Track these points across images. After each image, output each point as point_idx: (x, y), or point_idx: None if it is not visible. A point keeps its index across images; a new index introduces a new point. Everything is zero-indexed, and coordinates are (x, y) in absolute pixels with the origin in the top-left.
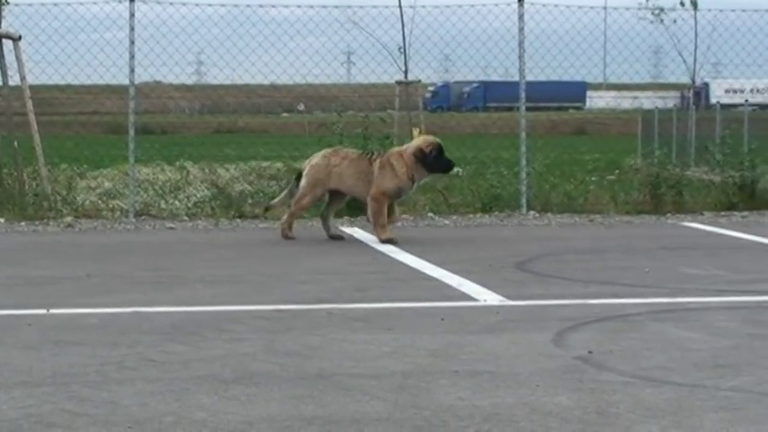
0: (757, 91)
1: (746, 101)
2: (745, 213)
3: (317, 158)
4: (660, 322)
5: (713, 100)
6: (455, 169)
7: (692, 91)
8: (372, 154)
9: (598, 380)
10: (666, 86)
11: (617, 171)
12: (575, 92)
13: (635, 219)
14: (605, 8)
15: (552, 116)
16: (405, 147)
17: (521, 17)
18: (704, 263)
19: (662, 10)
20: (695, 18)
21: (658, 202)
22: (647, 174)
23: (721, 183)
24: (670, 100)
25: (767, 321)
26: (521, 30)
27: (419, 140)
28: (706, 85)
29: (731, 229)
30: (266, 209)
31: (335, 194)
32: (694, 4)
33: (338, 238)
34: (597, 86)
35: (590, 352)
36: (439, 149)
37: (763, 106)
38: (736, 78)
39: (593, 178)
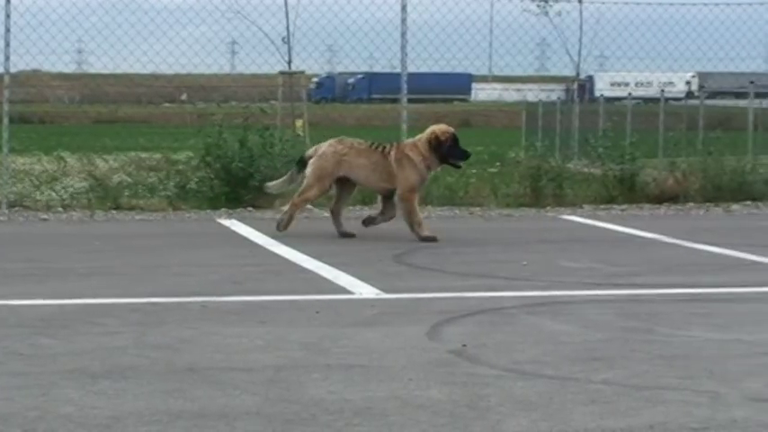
0: (642, 84)
1: (630, 94)
2: (624, 207)
3: (323, 147)
4: (535, 315)
5: (598, 93)
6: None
7: (576, 84)
8: (384, 147)
9: (471, 373)
10: (552, 79)
11: (498, 164)
12: (460, 84)
13: (515, 212)
14: (491, 1)
15: (438, 108)
16: (417, 138)
17: (403, 8)
18: (581, 256)
19: (547, 2)
20: (580, 11)
21: (539, 195)
22: (528, 167)
23: (601, 176)
24: (555, 93)
25: (641, 314)
26: (403, 21)
27: (435, 129)
28: (591, 78)
29: (610, 223)
30: (266, 188)
31: (344, 187)
32: None
33: (350, 235)
34: (483, 79)
35: (464, 345)
36: (454, 138)
37: (647, 99)
38: (621, 72)
39: (473, 171)
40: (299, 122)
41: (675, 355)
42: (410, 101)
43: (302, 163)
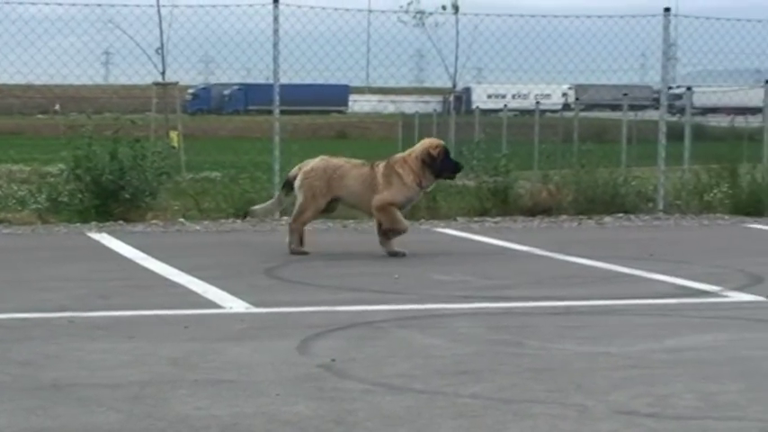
0: (519, 96)
1: (505, 106)
2: (497, 219)
3: (310, 166)
4: (406, 329)
5: (474, 105)
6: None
7: (452, 95)
8: (372, 165)
9: (339, 388)
10: (429, 91)
11: None
12: (337, 95)
13: None
14: (368, 11)
15: (314, 120)
16: (407, 152)
17: (275, 18)
18: (454, 269)
19: (423, 14)
20: (456, 22)
21: (413, 207)
22: None
23: (475, 188)
24: (432, 105)
25: (511, 327)
26: (275, 32)
27: (425, 144)
28: (468, 90)
29: (483, 235)
30: (245, 214)
31: (327, 206)
32: (455, 8)
33: (303, 253)
34: (360, 90)
35: (333, 360)
36: (446, 152)
37: (524, 111)
38: (498, 84)
39: None
40: (173, 134)
41: (544, 368)
42: (286, 112)
43: (288, 185)
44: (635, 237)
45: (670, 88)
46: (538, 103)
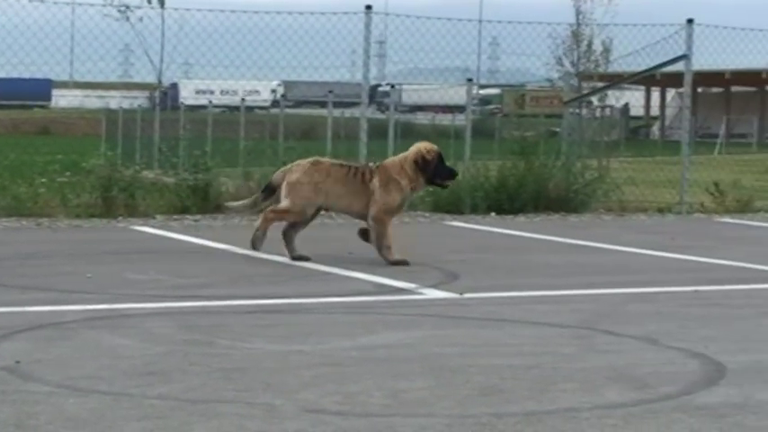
0: (227, 92)
1: (210, 102)
2: (197, 217)
3: (297, 173)
4: (95, 329)
5: (182, 101)
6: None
7: (158, 91)
8: (363, 172)
9: (22, 390)
10: (136, 86)
11: (68, 173)
12: (39, 90)
13: (85, 222)
14: (72, 4)
15: (16, 114)
16: (401, 157)
17: None
18: (149, 268)
19: (128, 8)
20: (162, 17)
21: (110, 205)
22: (100, 176)
23: (175, 185)
24: (139, 100)
25: (203, 327)
26: None
27: (419, 147)
28: (176, 85)
29: (182, 233)
30: (226, 207)
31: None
32: (161, 3)
33: (304, 258)
34: (64, 85)
35: (17, 362)
36: (440, 157)
37: (232, 108)
38: (206, 80)
39: (43, 180)
40: None
41: (235, 367)
42: None
43: (270, 188)
44: (336, 235)
45: (378, 86)
46: (243, 99)
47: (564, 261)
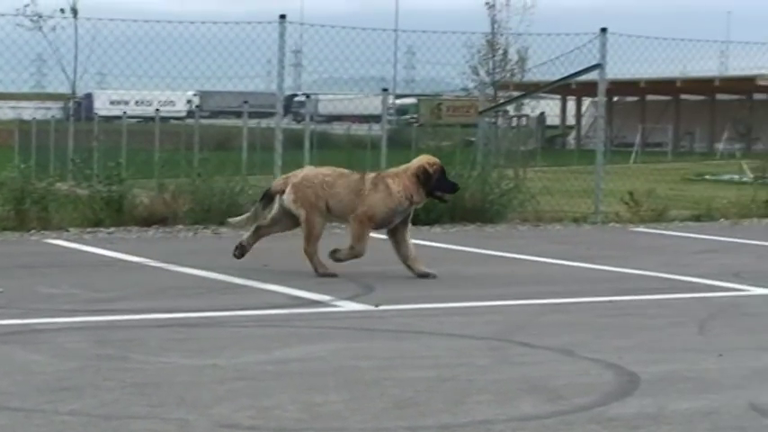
0: (142, 103)
1: (125, 113)
2: (111, 230)
3: (299, 186)
4: (7, 345)
5: (97, 111)
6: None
7: (72, 101)
8: (362, 178)
9: None
10: (51, 96)
11: None
12: None
13: None
14: None
15: None
16: (402, 168)
17: None
18: (62, 281)
19: (40, 17)
20: (75, 27)
21: (23, 218)
22: (12, 188)
23: (88, 198)
24: (53, 111)
25: (116, 341)
26: None
27: (422, 159)
28: (90, 95)
29: (96, 246)
30: (228, 223)
31: (288, 221)
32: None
33: (241, 256)
34: None
35: None
36: (442, 170)
37: (147, 118)
38: (120, 90)
39: None
40: None
41: (148, 382)
42: None
43: (268, 197)
44: (253, 247)
45: (294, 96)
46: (158, 110)
47: (479, 272)
